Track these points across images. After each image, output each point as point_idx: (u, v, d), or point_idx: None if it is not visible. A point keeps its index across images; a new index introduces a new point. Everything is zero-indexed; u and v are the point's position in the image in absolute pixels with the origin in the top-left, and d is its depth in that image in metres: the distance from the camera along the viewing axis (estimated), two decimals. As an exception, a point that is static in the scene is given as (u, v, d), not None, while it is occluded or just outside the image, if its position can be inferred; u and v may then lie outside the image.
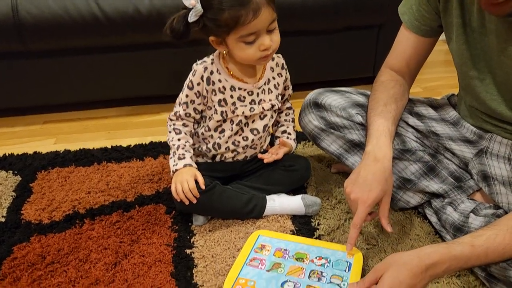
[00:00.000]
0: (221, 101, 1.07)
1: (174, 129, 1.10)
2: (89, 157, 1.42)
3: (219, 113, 1.07)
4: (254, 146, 1.14)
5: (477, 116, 1.06)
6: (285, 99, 1.22)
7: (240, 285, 0.89)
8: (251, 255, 0.97)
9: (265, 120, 1.12)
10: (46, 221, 1.14)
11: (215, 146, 1.11)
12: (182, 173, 1.04)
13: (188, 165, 1.05)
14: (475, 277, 0.93)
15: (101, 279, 0.95)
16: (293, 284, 0.89)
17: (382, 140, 0.98)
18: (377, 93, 1.09)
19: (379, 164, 0.94)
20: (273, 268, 0.94)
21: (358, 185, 0.93)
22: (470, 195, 1.05)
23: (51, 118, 1.75)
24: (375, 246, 1.03)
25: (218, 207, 1.08)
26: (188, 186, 1.02)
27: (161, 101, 1.82)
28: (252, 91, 1.08)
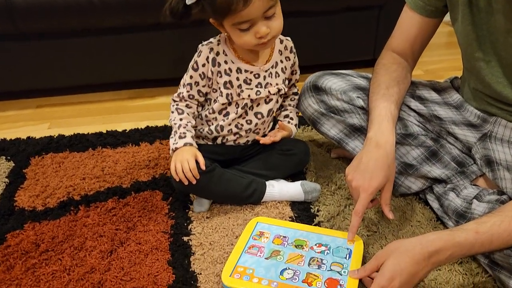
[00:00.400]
0: (227, 83, 1.03)
1: (176, 109, 1.06)
2: (83, 142, 1.39)
3: (224, 96, 1.04)
4: (257, 131, 1.12)
5: (481, 99, 1.03)
6: (292, 84, 1.18)
7: (239, 273, 0.87)
8: (250, 242, 0.95)
9: (270, 104, 1.09)
10: (40, 208, 1.11)
11: (218, 128, 1.08)
12: (182, 152, 1.01)
13: (189, 144, 1.02)
14: (477, 264, 0.92)
15: (96, 267, 0.94)
16: (293, 271, 0.88)
17: (385, 125, 0.96)
18: (378, 76, 1.05)
19: (381, 150, 0.92)
20: (272, 255, 0.92)
21: (359, 172, 0.90)
22: (473, 180, 1.03)
23: (45, 102, 1.71)
24: (376, 232, 1.01)
25: (217, 189, 1.06)
26: (189, 166, 0.99)
27: (157, 84, 1.78)
28: (258, 74, 1.05)
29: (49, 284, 0.90)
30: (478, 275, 0.90)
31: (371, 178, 0.89)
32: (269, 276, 0.86)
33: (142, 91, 1.77)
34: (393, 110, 0.99)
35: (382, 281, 0.76)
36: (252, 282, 0.85)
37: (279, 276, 0.86)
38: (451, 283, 0.88)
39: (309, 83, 1.14)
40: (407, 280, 0.76)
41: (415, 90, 1.13)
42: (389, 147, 0.93)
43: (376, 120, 0.97)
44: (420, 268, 0.76)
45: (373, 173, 0.89)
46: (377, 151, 0.92)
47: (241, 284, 0.85)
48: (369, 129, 0.98)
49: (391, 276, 0.75)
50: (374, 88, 1.04)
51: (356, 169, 0.92)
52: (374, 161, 0.91)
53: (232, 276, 0.87)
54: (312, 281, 0.85)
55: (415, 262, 0.76)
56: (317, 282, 0.85)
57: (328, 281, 0.85)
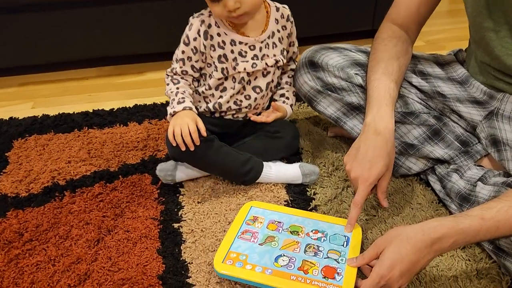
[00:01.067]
0: (221, 57, 0.97)
1: (172, 80, 1.01)
2: (69, 123, 1.33)
3: (219, 70, 0.98)
4: (256, 106, 1.06)
5: (488, 73, 0.97)
6: (290, 57, 1.11)
7: (231, 259, 0.83)
8: (243, 227, 0.91)
9: (268, 77, 1.03)
10: (24, 194, 1.06)
11: (216, 106, 1.03)
12: (182, 116, 0.94)
13: (188, 108, 0.96)
14: (481, 249, 0.88)
15: (83, 257, 0.89)
16: (288, 258, 0.84)
17: (383, 109, 0.90)
18: (377, 52, 0.99)
19: (380, 137, 0.87)
20: (267, 241, 0.88)
21: (358, 162, 0.86)
22: (477, 161, 0.98)
23: (28, 80, 1.64)
24: (375, 216, 0.97)
25: (214, 162, 1.00)
26: (189, 129, 0.92)
27: (146, 59, 1.71)
28: (254, 46, 0.98)
29: (33, 276, 0.86)
30: (482, 261, 0.86)
31: (370, 167, 0.85)
32: (263, 263, 0.83)
33: (130, 67, 1.69)
34: (392, 90, 0.93)
35: (382, 269, 0.72)
36: (245, 269, 0.81)
37: (274, 263, 0.82)
38: (453, 269, 0.85)
39: (305, 58, 1.07)
40: (408, 268, 0.72)
41: (416, 65, 1.06)
42: (389, 134, 0.88)
43: (374, 103, 0.91)
44: (421, 256, 0.72)
45: (372, 162, 0.85)
46: (376, 138, 0.87)
47: (233, 271, 0.81)
48: (367, 113, 0.92)
49: (391, 264, 0.71)
50: (372, 66, 0.97)
51: (354, 158, 0.87)
52: (373, 149, 0.86)
53: (225, 263, 0.83)
54: (308, 268, 0.81)
55: (417, 249, 0.72)
56: (313, 270, 0.81)
57: (325, 269, 0.81)
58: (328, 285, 0.78)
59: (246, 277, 0.80)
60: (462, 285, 0.82)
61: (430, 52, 1.13)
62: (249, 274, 0.80)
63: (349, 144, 1.18)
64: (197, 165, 1.03)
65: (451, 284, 0.82)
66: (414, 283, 0.82)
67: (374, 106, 0.91)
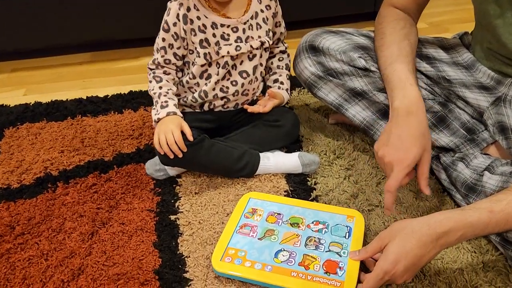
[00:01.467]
0: (203, 41, 0.93)
1: (154, 77, 0.98)
2: (62, 110, 1.29)
3: (202, 56, 0.94)
4: (245, 92, 1.02)
5: (495, 59, 0.93)
6: (277, 38, 1.06)
7: (230, 256, 0.81)
8: (242, 221, 0.88)
9: (254, 60, 0.99)
10: (15, 186, 1.03)
11: (202, 95, 0.99)
12: (166, 123, 0.92)
13: (172, 113, 0.94)
14: (487, 240, 0.85)
15: (76, 252, 0.87)
16: (288, 253, 0.81)
17: (409, 90, 0.85)
18: (386, 36, 0.94)
19: (412, 118, 0.81)
20: (266, 235, 0.85)
21: (392, 146, 0.80)
22: (483, 149, 0.95)
23: (20, 66, 1.59)
24: (377, 207, 0.94)
25: (206, 162, 0.97)
26: (174, 138, 0.91)
27: (142, 44, 1.66)
28: (237, 27, 0.94)
29: (25, 271, 0.83)
30: (488, 253, 0.83)
31: (407, 150, 0.79)
32: (263, 259, 0.80)
33: (125, 52, 1.64)
34: (412, 71, 0.88)
35: (386, 264, 0.69)
36: (244, 266, 0.79)
37: (274, 259, 0.80)
38: (458, 262, 0.82)
39: (305, 43, 1.03)
40: (412, 263, 0.69)
41: (421, 49, 1.02)
42: (421, 113, 0.82)
43: (398, 87, 0.86)
44: (427, 250, 0.69)
45: (408, 143, 0.79)
46: (408, 119, 0.82)
47: (232, 268, 0.79)
48: (393, 99, 0.86)
49: (396, 259, 0.69)
50: (383, 50, 0.93)
51: (387, 143, 0.81)
52: (407, 130, 0.80)
53: (223, 260, 0.80)
54: (309, 263, 0.79)
55: (422, 244, 0.69)
56: (314, 265, 0.78)
57: (327, 263, 0.79)
58: (330, 280, 0.75)
59: (245, 275, 0.78)
60: (468, 278, 0.79)
61: (433, 35, 1.09)
62: (249, 271, 0.78)
63: (350, 131, 1.15)
64: (189, 168, 1.01)
65: (457, 277, 0.79)
66: (418, 276, 0.80)
67: (398, 90, 0.86)
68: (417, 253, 0.69)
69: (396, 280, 0.71)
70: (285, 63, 1.09)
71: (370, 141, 1.10)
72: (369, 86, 0.98)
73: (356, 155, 1.07)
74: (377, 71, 0.97)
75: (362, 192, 0.97)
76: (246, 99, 1.04)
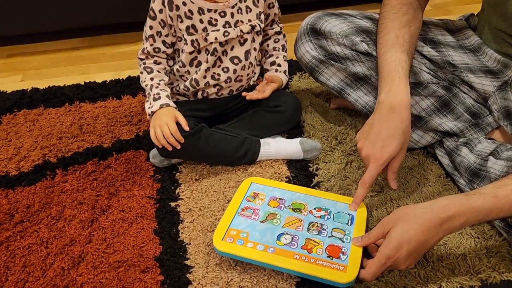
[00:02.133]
0: (190, 28, 0.91)
1: (144, 68, 0.96)
2: (59, 96, 1.27)
3: (189, 43, 0.92)
4: (239, 79, 0.99)
5: (503, 41, 0.91)
6: (271, 20, 1.04)
7: (232, 237, 0.79)
8: (243, 204, 0.87)
9: (246, 45, 0.96)
10: (14, 173, 1.02)
11: (193, 83, 0.97)
12: (160, 116, 0.91)
13: (165, 105, 0.92)
14: (490, 226, 0.85)
15: (76, 239, 0.86)
16: (291, 237, 0.80)
17: (396, 84, 0.84)
18: (387, 21, 0.92)
19: (395, 115, 0.82)
20: (268, 219, 0.84)
21: (370, 140, 0.82)
22: (488, 133, 0.94)
23: (17, 51, 1.57)
24: (380, 193, 0.93)
25: (205, 152, 0.96)
26: (169, 130, 0.89)
27: (140, 28, 1.60)
28: (224, 12, 0.92)
29: (25, 259, 0.83)
30: (492, 238, 0.83)
31: (383, 147, 0.80)
32: (265, 241, 0.79)
33: (123, 36, 1.61)
34: (404, 62, 0.87)
35: (388, 249, 0.69)
36: (246, 247, 0.78)
37: (276, 241, 0.79)
38: (462, 247, 0.82)
39: (306, 26, 1.01)
40: (415, 248, 0.69)
41: (426, 32, 1.00)
42: (404, 110, 0.83)
43: (386, 78, 0.86)
44: (430, 236, 0.69)
45: (385, 141, 0.80)
46: (390, 115, 0.82)
47: (234, 248, 0.78)
48: (380, 90, 0.86)
49: (398, 244, 0.68)
50: (382, 36, 0.91)
51: (367, 136, 0.82)
52: (387, 127, 0.81)
53: (225, 240, 0.79)
54: (312, 247, 0.78)
55: (425, 229, 0.68)
56: (317, 249, 0.78)
57: (330, 248, 0.78)
58: (333, 264, 0.75)
59: (247, 255, 0.77)
60: (471, 264, 0.79)
61: (436, 17, 1.06)
62: (251, 252, 0.77)
63: (353, 116, 1.13)
64: (190, 158, 1.00)
65: (460, 263, 0.79)
66: (421, 262, 0.79)
67: (386, 82, 0.86)
68: (420, 239, 0.68)
69: (398, 265, 0.70)
70: (281, 44, 1.07)
71: (372, 126, 1.09)
72: (371, 71, 0.96)
73: (358, 141, 1.06)
74: None
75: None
76: (240, 85, 1.02)
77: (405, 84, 0.85)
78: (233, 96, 1.03)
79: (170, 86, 0.99)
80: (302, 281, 0.77)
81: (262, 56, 1.08)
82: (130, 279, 0.78)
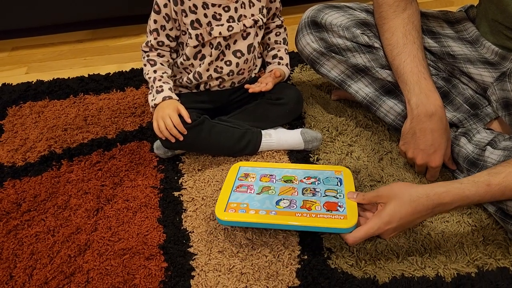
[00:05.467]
0: (194, 22, 0.92)
1: (148, 60, 0.97)
2: (64, 89, 1.29)
3: (194, 37, 0.93)
4: (241, 72, 1.01)
5: (500, 33, 0.92)
6: (273, 14, 1.05)
7: (233, 209, 0.81)
8: (236, 183, 0.89)
9: (248, 39, 0.97)
10: (20, 163, 1.04)
11: (196, 76, 0.98)
12: (163, 108, 0.93)
13: (168, 98, 0.94)
14: (487, 214, 0.86)
15: (82, 228, 0.88)
16: (289, 201, 0.83)
17: (424, 85, 0.87)
18: (389, 21, 0.92)
19: (434, 118, 0.85)
20: (263, 191, 0.86)
21: (421, 149, 0.88)
22: (487, 124, 0.95)
23: (21, 44, 1.58)
24: (379, 182, 0.95)
25: (207, 143, 0.98)
26: (172, 122, 0.91)
27: (143, 21, 1.61)
28: (228, 7, 0.93)
29: (32, 247, 0.85)
30: (488, 226, 0.84)
31: (436, 151, 0.87)
32: (265, 207, 0.82)
33: (126, 29, 1.63)
34: (423, 60, 0.89)
35: (379, 222, 0.74)
36: (249, 214, 0.80)
37: (276, 206, 0.82)
38: (459, 235, 0.83)
39: (307, 18, 1.02)
40: (403, 225, 0.76)
41: (426, 23, 1.01)
42: (440, 109, 0.86)
43: (411, 80, 0.88)
44: (420, 215, 0.75)
45: (436, 146, 0.87)
46: (430, 121, 0.86)
47: (238, 217, 0.80)
48: (409, 93, 0.88)
49: (389, 220, 0.74)
50: (388, 38, 0.92)
51: (414, 146, 0.88)
52: (431, 133, 0.86)
53: (227, 211, 0.81)
54: (311, 206, 0.81)
55: (417, 212, 0.74)
56: (315, 206, 0.81)
57: (327, 204, 0.82)
58: (333, 216, 0.78)
59: (252, 219, 0.79)
60: (468, 251, 0.80)
61: (437, 8, 1.07)
62: (254, 216, 0.79)
63: (353, 107, 1.14)
64: (193, 149, 1.02)
65: (457, 250, 0.81)
66: (419, 250, 0.81)
67: (413, 85, 0.87)
68: (409, 218, 0.74)
69: (383, 235, 0.77)
70: (283, 38, 1.08)
71: (372, 118, 1.10)
72: (372, 63, 0.97)
73: (359, 131, 1.07)
74: (380, 48, 0.97)
75: (364, 168, 0.98)
76: (242, 78, 1.03)
77: (432, 84, 0.87)
78: (235, 88, 1.04)
79: (173, 78, 1.00)
80: (302, 267, 0.79)
81: (264, 49, 1.10)
82: (135, 266, 0.81)
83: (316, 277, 0.77)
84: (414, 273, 0.77)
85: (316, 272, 0.78)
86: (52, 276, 0.79)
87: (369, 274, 0.77)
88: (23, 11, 1.49)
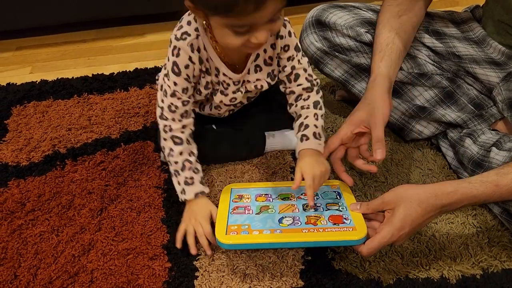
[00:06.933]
0: (208, 84, 0.86)
1: (172, 138, 0.84)
2: (68, 88, 1.29)
3: (203, 95, 0.88)
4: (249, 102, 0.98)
5: (506, 33, 0.91)
6: (291, 73, 0.87)
7: (235, 231, 0.76)
8: (232, 205, 0.83)
9: (250, 97, 0.96)
10: (25, 163, 1.04)
11: (207, 110, 0.97)
12: (195, 212, 0.83)
13: (201, 193, 0.84)
14: (492, 216, 0.86)
15: (86, 227, 0.88)
16: (291, 218, 0.79)
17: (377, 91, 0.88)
18: (380, 16, 0.94)
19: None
20: (262, 210, 0.82)
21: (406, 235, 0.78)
22: (491, 124, 0.94)
23: (25, 44, 1.58)
24: (384, 183, 0.94)
25: (211, 154, 0.97)
26: (203, 231, 0.81)
27: (146, 20, 1.64)
28: (238, 81, 0.88)
29: (37, 246, 0.85)
30: (493, 228, 0.84)
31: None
32: (269, 226, 0.77)
33: (129, 29, 1.63)
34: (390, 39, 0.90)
35: (393, 229, 0.72)
36: (253, 235, 0.75)
37: (280, 224, 0.77)
38: (464, 237, 0.83)
39: (311, 17, 1.01)
40: (416, 228, 0.74)
41: (431, 24, 1.00)
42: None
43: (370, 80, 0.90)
44: (429, 216, 0.73)
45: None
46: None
47: (241, 239, 0.74)
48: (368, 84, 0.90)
49: (402, 226, 0.72)
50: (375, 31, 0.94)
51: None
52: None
53: (228, 234, 0.76)
54: (316, 221, 0.78)
55: (427, 213, 0.72)
56: (321, 220, 0.78)
57: (331, 217, 0.79)
58: (341, 229, 0.75)
59: (257, 240, 0.74)
60: (473, 253, 0.80)
61: (442, 8, 1.07)
62: (259, 237, 0.74)
63: (357, 108, 1.14)
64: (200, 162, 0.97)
65: (462, 252, 0.80)
66: (423, 251, 0.81)
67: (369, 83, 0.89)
68: (421, 221, 0.72)
69: (397, 242, 0.74)
70: (313, 101, 0.88)
71: (377, 118, 1.10)
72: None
73: (363, 132, 1.07)
74: None
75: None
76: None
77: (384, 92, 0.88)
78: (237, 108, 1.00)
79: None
80: (306, 268, 0.78)
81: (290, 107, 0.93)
82: (139, 266, 0.81)
83: (320, 278, 0.77)
84: (419, 274, 0.77)
85: (320, 273, 0.77)
86: (56, 275, 0.80)
87: (373, 276, 0.77)
88: (27, 11, 1.50)
